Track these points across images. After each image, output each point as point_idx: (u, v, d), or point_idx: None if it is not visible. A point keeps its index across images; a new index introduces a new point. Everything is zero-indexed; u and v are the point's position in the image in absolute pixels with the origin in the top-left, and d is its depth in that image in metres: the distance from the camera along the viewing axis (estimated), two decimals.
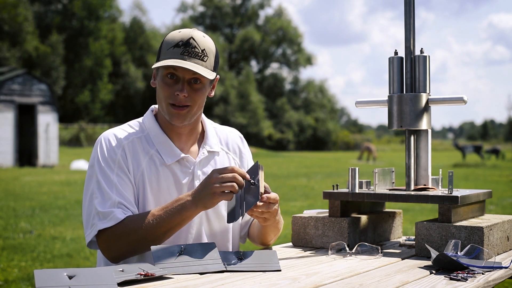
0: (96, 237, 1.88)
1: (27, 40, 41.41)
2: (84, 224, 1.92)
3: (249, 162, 2.18)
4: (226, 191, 1.76)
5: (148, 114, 2.04)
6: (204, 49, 1.92)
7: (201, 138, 2.08)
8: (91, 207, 1.88)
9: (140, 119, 2.05)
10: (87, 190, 1.93)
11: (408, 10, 2.17)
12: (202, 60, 1.91)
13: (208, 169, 2.03)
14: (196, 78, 1.92)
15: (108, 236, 1.85)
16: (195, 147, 2.05)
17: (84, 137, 37.16)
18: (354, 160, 30.03)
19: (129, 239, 1.83)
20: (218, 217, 2.04)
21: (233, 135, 2.18)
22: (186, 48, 1.89)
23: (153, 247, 1.72)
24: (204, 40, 1.93)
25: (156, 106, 2.07)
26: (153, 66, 1.93)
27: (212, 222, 2.03)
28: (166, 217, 1.82)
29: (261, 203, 1.82)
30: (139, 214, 1.87)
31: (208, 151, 2.05)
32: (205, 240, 2.01)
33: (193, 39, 1.91)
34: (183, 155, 1.98)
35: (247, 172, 1.81)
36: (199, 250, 1.75)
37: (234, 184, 1.76)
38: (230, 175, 1.76)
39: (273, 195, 1.86)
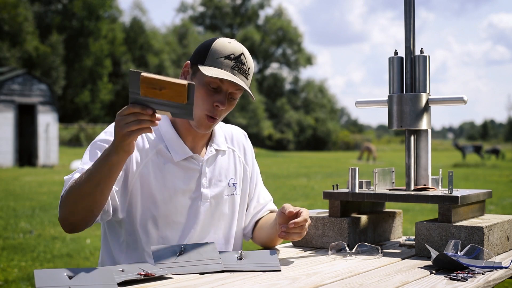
0: None
1: (27, 40, 41.41)
2: None
3: (252, 159, 2.21)
4: (135, 130, 1.61)
5: None
6: (249, 68, 1.94)
7: (209, 135, 2.10)
8: None
9: None
10: None
11: (408, 10, 2.17)
12: (247, 78, 1.94)
13: (215, 167, 2.05)
14: (235, 93, 1.93)
15: (63, 199, 1.78)
16: (203, 144, 2.07)
17: (84, 137, 37.14)
18: (354, 160, 30.03)
19: (69, 200, 1.75)
20: (222, 216, 2.05)
21: (238, 133, 2.20)
22: (237, 64, 1.90)
23: (153, 247, 1.72)
24: (250, 58, 1.96)
25: None
26: (208, 74, 1.84)
27: (216, 221, 2.03)
28: (94, 168, 1.71)
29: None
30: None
31: (216, 149, 2.07)
32: (208, 238, 2.02)
33: (244, 55, 1.92)
34: (191, 153, 1.99)
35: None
36: (199, 250, 1.75)
37: (140, 121, 1.59)
38: (129, 115, 1.59)
39: (301, 218, 1.86)
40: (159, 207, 1.94)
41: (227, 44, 1.92)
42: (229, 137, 2.16)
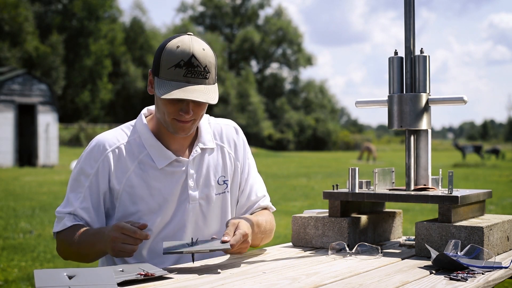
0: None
1: (27, 40, 41.42)
2: None
3: (244, 153, 2.15)
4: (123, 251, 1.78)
5: (140, 118, 2.03)
6: (205, 66, 1.85)
7: (195, 135, 2.06)
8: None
9: (132, 122, 2.04)
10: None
11: (408, 10, 2.17)
12: (205, 78, 1.86)
13: (202, 167, 2.02)
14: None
15: (59, 239, 1.97)
16: (189, 146, 2.05)
17: (84, 137, 37.14)
18: (354, 160, 30.03)
19: (69, 249, 1.94)
20: (215, 215, 2.04)
21: (228, 127, 2.14)
22: (189, 69, 1.83)
23: (165, 243, 1.75)
24: (204, 54, 1.86)
25: (150, 108, 2.07)
26: (162, 97, 1.82)
27: (209, 221, 2.03)
28: (87, 245, 1.89)
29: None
30: (78, 227, 1.92)
31: (201, 148, 2.03)
32: (203, 238, 2.02)
33: (194, 56, 1.84)
34: (175, 157, 1.97)
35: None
36: (209, 242, 1.80)
37: (134, 248, 1.76)
38: (131, 240, 1.76)
39: (234, 239, 1.80)
40: (148, 216, 1.95)
41: (175, 50, 1.84)
42: (218, 133, 2.10)
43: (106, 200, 1.96)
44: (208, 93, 1.86)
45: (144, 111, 2.07)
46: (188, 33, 1.94)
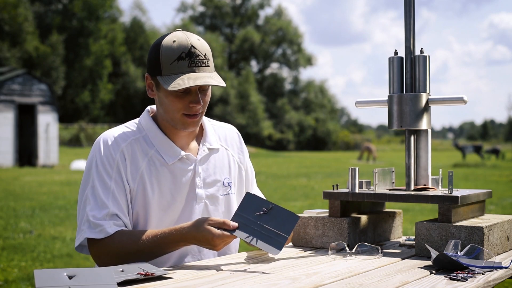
0: (87, 244, 1.89)
1: (27, 40, 41.44)
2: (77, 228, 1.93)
3: (248, 159, 2.20)
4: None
5: (145, 115, 2.03)
6: (205, 54, 1.90)
7: (200, 134, 2.08)
8: (84, 213, 1.88)
9: (136, 120, 2.04)
10: (82, 194, 1.92)
11: (408, 10, 2.17)
12: (208, 65, 1.90)
13: (209, 166, 2.04)
14: (204, 85, 1.91)
15: (99, 247, 1.86)
16: (194, 144, 2.05)
17: (84, 137, 37.17)
18: (354, 160, 30.03)
19: (120, 255, 1.83)
20: (219, 216, 2.04)
21: (231, 132, 2.18)
22: (192, 59, 1.86)
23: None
24: (201, 43, 1.90)
25: (153, 107, 2.07)
26: (172, 89, 1.82)
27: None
28: (160, 248, 1.84)
29: None
30: (131, 233, 1.86)
31: (208, 148, 2.06)
32: None
33: (193, 46, 1.87)
34: (183, 153, 1.98)
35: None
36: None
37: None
38: (230, 240, 1.81)
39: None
40: (158, 214, 1.95)
41: (173, 45, 1.87)
42: (223, 136, 2.14)
43: (128, 197, 1.92)
44: (216, 78, 1.90)
45: (148, 108, 2.07)
46: (177, 29, 1.96)
